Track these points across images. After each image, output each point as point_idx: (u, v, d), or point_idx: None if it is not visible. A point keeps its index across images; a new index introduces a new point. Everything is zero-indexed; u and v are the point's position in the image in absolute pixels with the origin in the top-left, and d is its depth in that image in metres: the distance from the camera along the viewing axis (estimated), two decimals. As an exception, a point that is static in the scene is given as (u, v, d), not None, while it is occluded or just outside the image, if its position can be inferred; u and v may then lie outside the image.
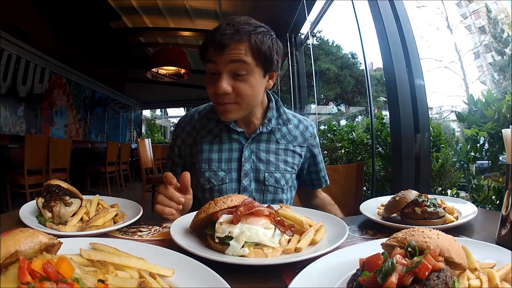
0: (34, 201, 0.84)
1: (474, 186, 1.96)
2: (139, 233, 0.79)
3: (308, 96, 5.77)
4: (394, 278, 0.39)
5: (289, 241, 0.69)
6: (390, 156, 2.50)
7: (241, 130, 1.11)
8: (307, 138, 1.20)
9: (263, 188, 1.11)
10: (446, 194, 2.15)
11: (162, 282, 0.49)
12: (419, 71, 2.09)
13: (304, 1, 3.90)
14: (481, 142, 1.89)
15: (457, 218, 0.85)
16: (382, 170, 2.69)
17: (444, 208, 0.84)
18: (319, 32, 14.44)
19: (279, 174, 1.12)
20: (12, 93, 5.30)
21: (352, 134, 3.29)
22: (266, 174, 1.11)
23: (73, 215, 0.80)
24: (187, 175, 0.90)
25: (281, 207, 0.82)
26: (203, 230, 0.72)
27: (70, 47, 6.89)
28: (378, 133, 2.66)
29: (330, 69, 14.27)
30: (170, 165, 1.23)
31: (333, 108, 15.49)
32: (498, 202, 1.80)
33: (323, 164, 1.29)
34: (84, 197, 0.88)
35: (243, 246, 0.62)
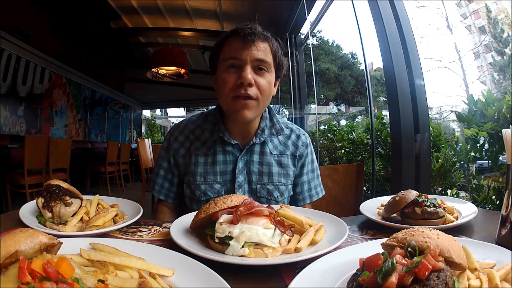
0: (34, 201, 0.84)
1: (474, 186, 1.96)
2: (139, 233, 0.79)
3: (308, 96, 5.78)
4: (394, 278, 0.39)
5: (289, 241, 0.69)
6: (390, 156, 2.50)
7: (236, 142, 1.10)
8: (298, 146, 1.18)
9: (255, 200, 1.07)
10: (446, 194, 2.15)
11: (162, 282, 0.49)
12: (419, 71, 2.09)
13: (304, 1, 3.90)
14: (481, 142, 1.89)
15: (457, 218, 0.85)
16: (382, 170, 2.69)
17: (444, 208, 0.84)
18: (319, 32, 14.43)
19: (272, 186, 1.12)
20: (12, 93, 5.30)
21: (352, 134, 3.29)
22: (258, 185, 1.11)
23: (73, 215, 0.80)
24: None
25: (281, 207, 0.82)
26: (203, 230, 0.72)
27: (70, 47, 6.89)
28: (378, 133, 2.66)
29: (330, 69, 14.26)
30: (162, 174, 1.16)
31: (333, 108, 15.47)
32: (498, 202, 1.80)
33: (310, 179, 1.22)
34: (84, 197, 0.88)
35: (243, 246, 0.63)
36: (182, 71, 6.26)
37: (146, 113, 14.70)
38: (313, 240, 0.69)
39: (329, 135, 3.53)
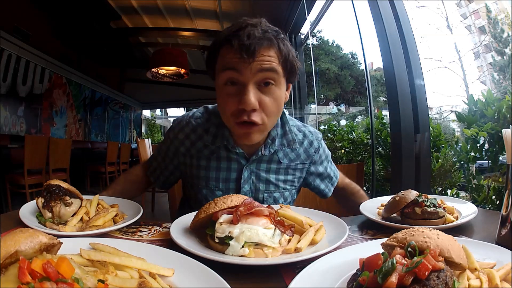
0: (34, 201, 0.84)
1: (474, 186, 1.96)
2: (139, 233, 0.79)
3: (308, 96, 5.79)
4: (394, 278, 0.39)
5: (289, 241, 0.69)
6: (390, 156, 2.50)
7: (241, 151, 1.01)
8: (310, 155, 1.11)
9: None
10: (446, 194, 2.15)
11: (162, 282, 0.49)
12: (419, 71, 2.09)
13: (304, 1, 3.91)
14: (481, 142, 1.89)
15: (457, 218, 0.84)
16: (382, 170, 2.69)
17: (444, 208, 0.84)
18: (319, 32, 14.46)
19: (278, 194, 1.07)
20: (12, 93, 5.30)
21: (352, 134, 3.29)
22: (265, 194, 1.06)
23: (73, 215, 0.80)
24: None
25: (281, 207, 0.82)
26: (203, 230, 0.72)
27: (70, 47, 6.89)
28: (378, 133, 2.66)
29: (330, 69, 14.27)
30: (155, 165, 1.16)
31: (333, 108, 15.49)
32: (498, 202, 1.80)
33: (329, 171, 1.19)
34: (84, 197, 0.88)
35: (243, 246, 0.62)
36: (182, 71, 6.27)
37: (146, 113, 14.71)
38: (313, 240, 0.69)
39: (329, 135, 3.54)
